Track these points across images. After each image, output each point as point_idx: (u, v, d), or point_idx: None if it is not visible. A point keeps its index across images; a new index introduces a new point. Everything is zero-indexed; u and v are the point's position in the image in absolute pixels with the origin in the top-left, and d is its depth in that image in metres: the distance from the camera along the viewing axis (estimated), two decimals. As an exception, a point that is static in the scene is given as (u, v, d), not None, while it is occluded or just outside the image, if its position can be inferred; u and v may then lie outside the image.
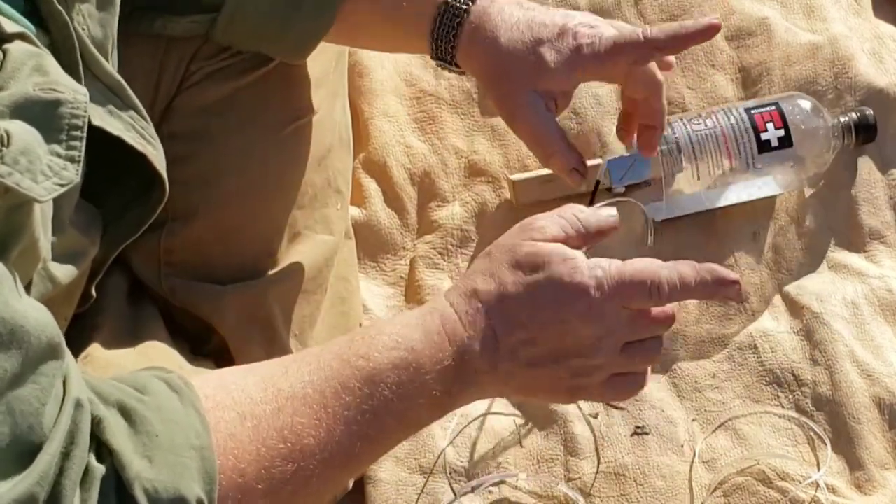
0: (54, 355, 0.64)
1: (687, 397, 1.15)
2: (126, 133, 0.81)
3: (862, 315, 1.19)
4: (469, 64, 0.99)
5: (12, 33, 0.68)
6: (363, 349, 0.77)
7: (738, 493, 1.09)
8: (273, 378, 0.75)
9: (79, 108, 0.68)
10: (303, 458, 0.72)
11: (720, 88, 1.31)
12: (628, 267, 0.81)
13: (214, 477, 0.68)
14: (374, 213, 1.24)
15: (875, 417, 1.13)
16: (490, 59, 0.97)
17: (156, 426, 0.67)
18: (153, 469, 0.65)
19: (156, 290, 1.03)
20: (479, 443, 1.11)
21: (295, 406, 0.73)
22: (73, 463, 0.62)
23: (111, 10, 0.82)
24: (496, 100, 1.00)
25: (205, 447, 0.68)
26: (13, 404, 0.60)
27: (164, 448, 0.66)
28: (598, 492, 1.09)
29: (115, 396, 0.68)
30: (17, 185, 0.63)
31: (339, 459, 0.74)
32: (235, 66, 1.03)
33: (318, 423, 0.73)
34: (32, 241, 0.68)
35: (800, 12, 1.37)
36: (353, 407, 0.75)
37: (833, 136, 1.22)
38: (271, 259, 1.05)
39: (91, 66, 0.79)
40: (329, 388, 0.75)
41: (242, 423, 0.71)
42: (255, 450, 0.71)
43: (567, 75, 0.96)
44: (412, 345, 0.78)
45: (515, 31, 0.96)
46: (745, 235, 1.23)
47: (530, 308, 0.80)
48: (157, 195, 0.86)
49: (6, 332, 0.60)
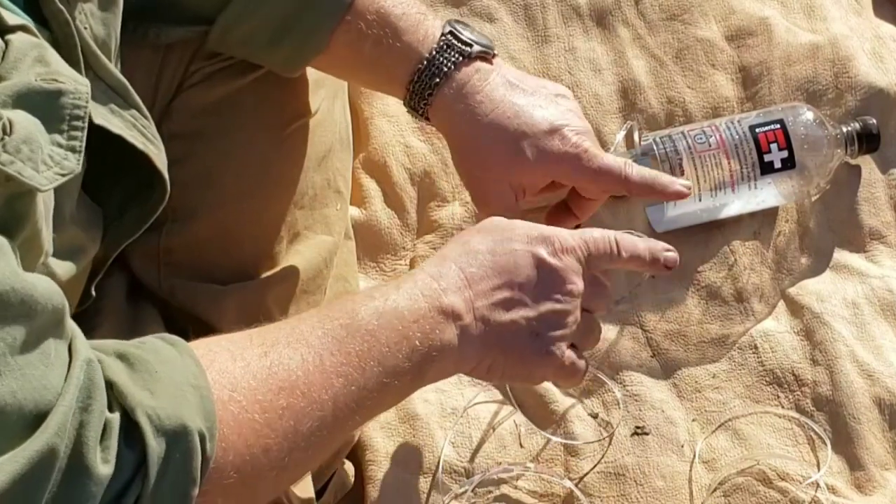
0: (59, 319, 0.65)
1: (687, 397, 1.15)
2: (127, 132, 0.81)
3: (862, 315, 1.19)
4: (441, 127, 1.00)
5: (14, 25, 0.68)
6: (340, 304, 0.81)
7: (738, 493, 1.08)
8: (258, 332, 0.78)
9: (80, 99, 0.69)
10: (293, 394, 0.74)
11: (720, 88, 1.31)
12: (587, 231, 0.89)
13: (213, 416, 0.69)
14: (374, 213, 1.24)
15: (875, 417, 1.13)
16: (465, 132, 0.98)
17: (154, 365, 0.69)
18: (154, 399, 0.67)
19: (155, 291, 1.03)
20: (479, 443, 1.11)
21: (280, 350, 0.76)
22: (93, 416, 0.64)
23: (114, 10, 0.83)
24: (466, 178, 1.02)
25: (203, 387, 0.70)
26: (26, 370, 0.62)
27: (163, 382, 0.68)
28: (598, 492, 1.09)
29: (113, 346, 0.70)
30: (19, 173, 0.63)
31: (327, 399, 0.76)
32: (235, 67, 1.03)
33: (304, 363, 0.76)
34: (35, 232, 0.69)
35: (800, 12, 1.37)
36: (336, 349, 0.77)
37: (836, 146, 1.22)
38: (271, 259, 1.05)
39: (93, 64, 0.79)
40: (312, 335, 0.77)
41: (234, 361, 0.74)
42: (248, 383, 0.73)
43: (544, 175, 0.98)
44: (389, 295, 0.81)
45: (500, 115, 0.97)
46: (746, 235, 1.23)
47: (500, 255, 0.84)
48: (157, 195, 0.86)
49: (17, 301, 0.62)
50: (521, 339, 0.85)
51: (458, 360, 0.84)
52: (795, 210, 1.24)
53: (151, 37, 0.98)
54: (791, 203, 1.24)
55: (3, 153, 0.63)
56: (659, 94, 1.30)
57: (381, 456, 1.10)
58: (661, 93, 1.31)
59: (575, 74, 1.31)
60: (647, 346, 1.17)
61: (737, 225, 1.23)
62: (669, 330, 1.18)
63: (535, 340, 0.85)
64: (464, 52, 0.97)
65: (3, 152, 0.63)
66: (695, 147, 1.18)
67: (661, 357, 1.17)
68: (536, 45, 1.33)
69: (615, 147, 1.21)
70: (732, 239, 1.23)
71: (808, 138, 1.20)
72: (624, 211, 1.24)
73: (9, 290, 0.61)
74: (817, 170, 1.21)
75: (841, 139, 1.23)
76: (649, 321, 1.18)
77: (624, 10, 1.35)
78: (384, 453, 1.10)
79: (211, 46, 1.00)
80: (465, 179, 1.02)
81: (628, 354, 1.17)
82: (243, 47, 1.00)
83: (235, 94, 1.03)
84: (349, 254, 1.16)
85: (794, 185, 1.21)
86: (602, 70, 1.32)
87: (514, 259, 0.85)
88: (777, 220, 1.24)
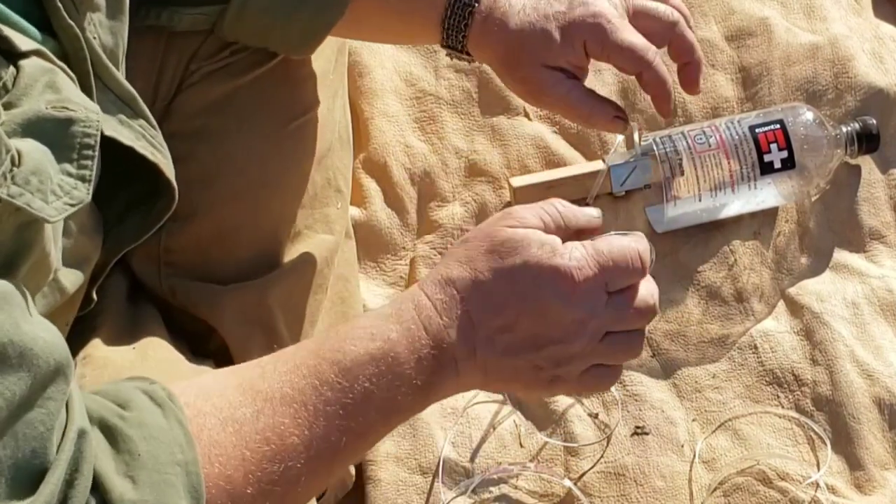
0: (62, 379, 0.63)
1: (687, 397, 1.15)
2: (137, 143, 0.81)
3: (862, 315, 1.19)
4: (481, 53, 1.00)
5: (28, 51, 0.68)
6: (337, 343, 0.76)
7: (738, 493, 1.08)
8: (251, 381, 0.74)
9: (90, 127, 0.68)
10: (288, 457, 0.71)
11: (720, 88, 1.31)
12: (604, 244, 0.79)
13: (201, 491, 0.67)
14: (374, 213, 1.24)
15: (875, 417, 1.13)
16: (501, 47, 0.98)
17: (138, 444, 0.66)
18: (136, 490, 0.64)
19: (156, 291, 1.03)
20: (479, 443, 1.11)
21: (274, 407, 0.72)
22: (77, 492, 0.61)
23: (121, 18, 0.82)
24: (515, 86, 1.01)
25: (189, 462, 0.67)
26: (19, 428, 0.59)
27: (147, 467, 0.65)
28: (598, 492, 1.09)
29: (97, 413, 0.67)
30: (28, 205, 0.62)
31: (325, 455, 0.73)
32: (235, 66, 1.03)
33: (300, 422, 0.72)
34: (43, 256, 0.68)
35: (800, 12, 1.37)
36: (334, 402, 0.74)
37: (836, 146, 1.22)
38: (271, 259, 1.05)
39: (102, 76, 0.79)
40: (307, 385, 0.74)
41: (224, 428, 0.70)
42: (240, 454, 0.70)
43: (573, 47, 0.97)
44: (388, 335, 0.76)
45: (522, 15, 0.98)
46: (746, 235, 1.23)
47: (507, 293, 0.77)
48: (164, 202, 0.86)
49: (16, 354, 0.59)
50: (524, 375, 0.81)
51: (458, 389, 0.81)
52: (795, 210, 1.24)
53: (164, 19, 0.97)
54: (791, 203, 1.24)
55: (13, 185, 0.62)
56: (659, 94, 1.30)
57: (381, 456, 1.10)
58: (661, 93, 1.30)
59: (575, 74, 1.32)
60: (647, 346, 1.17)
61: (737, 225, 1.23)
62: (669, 330, 1.18)
63: (538, 373, 0.80)
64: None
65: (13, 184, 0.62)
66: (695, 147, 1.18)
67: (661, 357, 1.17)
68: (536, 46, 1.33)
69: (615, 147, 1.21)
70: (732, 239, 1.23)
71: (808, 138, 1.20)
72: (624, 211, 1.24)
73: (6, 343, 0.59)
74: (817, 170, 1.21)
75: (841, 139, 1.23)
76: (649, 321, 1.18)
77: (624, 10, 1.35)
78: (384, 453, 1.10)
79: (224, 29, 0.99)
80: (518, 88, 1.02)
81: (628, 354, 1.17)
82: (262, 17, 0.98)
83: (235, 94, 1.03)
84: (350, 253, 1.16)
85: (794, 185, 1.21)
86: (602, 70, 1.32)
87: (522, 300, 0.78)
88: (777, 220, 1.24)
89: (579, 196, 1.16)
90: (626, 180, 1.21)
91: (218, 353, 1.02)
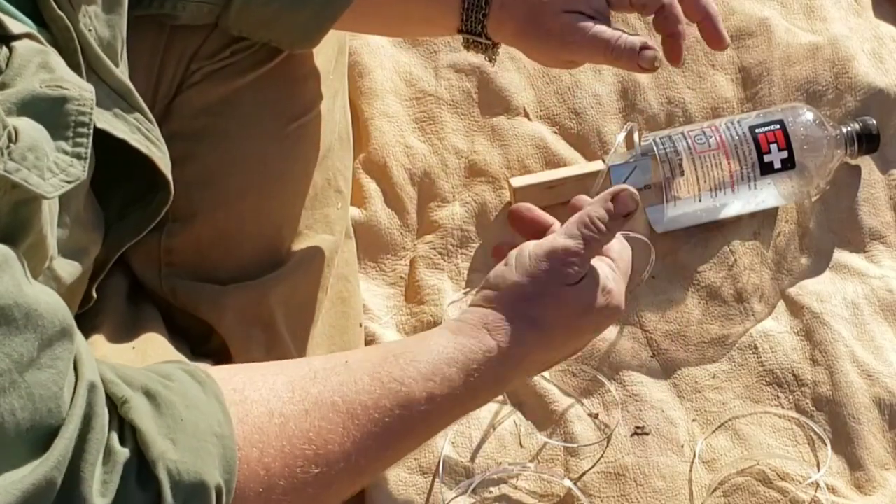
0: (67, 338, 0.64)
1: (687, 398, 1.15)
2: (131, 136, 0.81)
3: (862, 315, 1.19)
4: (500, 31, 1.01)
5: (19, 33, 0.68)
6: (397, 372, 0.77)
7: (738, 493, 1.09)
8: (302, 381, 0.75)
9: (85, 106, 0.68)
10: (327, 463, 0.73)
11: (720, 88, 1.31)
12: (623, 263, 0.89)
13: (234, 467, 0.68)
14: (374, 213, 1.24)
15: (875, 417, 1.13)
16: (521, 17, 1.00)
17: (180, 410, 0.67)
18: (177, 451, 0.66)
19: (156, 291, 1.03)
20: (479, 443, 1.11)
21: (322, 412, 0.73)
22: (91, 445, 0.63)
23: (119, 11, 0.82)
24: (541, 45, 1.01)
25: (226, 436, 0.68)
26: (33, 389, 0.61)
27: (187, 432, 0.67)
28: (598, 492, 1.09)
29: (141, 381, 0.68)
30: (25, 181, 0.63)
31: (363, 469, 0.75)
32: (235, 66, 1.03)
33: (345, 433, 0.74)
34: (40, 238, 0.68)
35: (800, 12, 1.37)
36: (383, 425, 0.75)
37: (836, 146, 1.22)
38: (271, 259, 1.04)
39: (96, 68, 0.78)
40: (359, 403, 0.75)
41: (270, 419, 0.72)
42: (281, 447, 0.71)
43: None
44: (450, 375, 0.79)
45: None
46: (746, 235, 1.23)
47: (562, 339, 0.85)
48: (161, 197, 0.86)
49: (21, 316, 0.60)
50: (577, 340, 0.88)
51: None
52: (795, 210, 1.24)
53: (168, 8, 0.97)
54: (791, 203, 1.24)
55: (9, 161, 0.62)
56: (659, 94, 1.31)
57: (382, 456, 1.10)
58: (661, 93, 1.31)
59: (575, 75, 1.32)
60: (646, 347, 1.17)
61: (737, 225, 1.23)
62: (669, 330, 1.18)
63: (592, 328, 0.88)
64: None
65: (9, 160, 0.62)
66: (695, 147, 1.18)
67: (661, 357, 1.17)
68: (536, 46, 1.33)
69: (615, 147, 1.21)
70: (732, 239, 1.23)
71: (808, 139, 1.20)
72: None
73: (11, 304, 0.60)
74: (817, 170, 1.21)
75: (841, 139, 1.23)
76: (649, 321, 1.18)
77: (624, 10, 1.35)
78: (384, 453, 1.10)
79: (229, 21, 0.98)
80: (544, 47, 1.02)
81: (628, 354, 1.17)
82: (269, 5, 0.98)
83: (235, 94, 1.03)
84: (350, 253, 1.16)
85: (794, 185, 1.21)
86: (602, 70, 1.32)
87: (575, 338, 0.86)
88: (777, 221, 1.24)
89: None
90: (626, 180, 1.21)
91: (218, 352, 1.02)
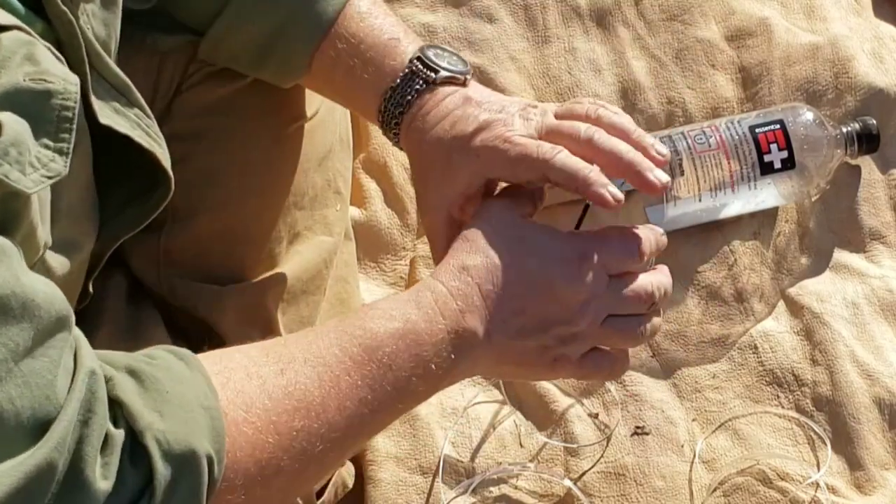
0: (63, 328, 0.65)
1: (687, 397, 1.15)
2: (133, 131, 0.81)
3: (862, 315, 1.19)
4: (408, 154, 0.95)
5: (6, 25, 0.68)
6: (359, 321, 0.79)
7: (738, 493, 1.09)
8: (274, 347, 0.77)
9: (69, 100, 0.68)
10: (308, 416, 0.74)
11: (720, 88, 1.31)
12: (604, 229, 0.88)
13: (223, 437, 0.69)
14: (374, 213, 1.24)
15: (875, 417, 1.13)
16: (416, 154, 0.93)
17: (165, 384, 0.68)
18: (164, 421, 0.67)
19: (155, 291, 1.03)
20: (479, 443, 1.11)
21: (297, 368, 0.75)
22: (93, 430, 0.64)
23: (114, 10, 0.83)
24: (416, 196, 0.95)
25: (213, 408, 0.69)
26: (29, 377, 0.61)
27: (174, 404, 0.68)
28: (598, 492, 1.09)
29: (124, 361, 0.70)
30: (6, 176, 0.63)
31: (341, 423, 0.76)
32: (235, 67, 1.03)
33: (321, 383, 0.75)
34: (31, 230, 0.68)
35: (800, 12, 1.37)
36: (354, 371, 0.77)
37: (836, 146, 1.22)
38: (270, 260, 1.05)
39: (96, 64, 0.79)
40: (329, 354, 0.77)
41: (249, 380, 0.73)
42: (263, 404, 0.73)
43: (472, 174, 0.88)
44: (408, 316, 0.80)
45: (439, 130, 0.90)
46: (746, 235, 1.23)
47: (518, 278, 0.82)
48: (161, 192, 0.86)
49: (18, 305, 0.61)
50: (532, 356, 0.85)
51: (470, 374, 0.86)
52: (795, 210, 1.24)
53: (149, 42, 0.98)
54: (791, 203, 1.24)
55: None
56: (659, 94, 1.31)
57: (381, 456, 1.10)
58: (661, 93, 1.31)
59: (575, 75, 1.32)
60: (647, 346, 1.17)
61: (737, 225, 1.23)
62: (669, 330, 1.18)
63: (544, 354, 0.85)
64: (428, 79, 0.92)
65: None
66: (695, 147, 1.18)
67: (661, 357, 1.17)
68: (536, 46, 1.33)
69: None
70: (732, 239, 1.23)
71: (808, 139, 1.20)
72: (624, 211, 1.24)
73: (9, 294, 0.61)
74: (817, 170, 1.21)
75: (841, 139, 1.23)
76: (649, 321, 1.18)
77: (624, 10, 1.35)
78: (384, 453, 1.10)
79: (203, 57, 1.00)
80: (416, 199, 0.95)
81: (628, 354, 1.17)
82: (233, 62, 1.00)
83: (235, 95, 1.03)
84: (349, 255, 1.16)
85: (794, 185, 1.21)
86: (602, 70, 1.32)
87: (532, 284, 0.83)
88: (777, 220, 1.24)
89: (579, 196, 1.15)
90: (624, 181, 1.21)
91: (217, 353, 1.03)
